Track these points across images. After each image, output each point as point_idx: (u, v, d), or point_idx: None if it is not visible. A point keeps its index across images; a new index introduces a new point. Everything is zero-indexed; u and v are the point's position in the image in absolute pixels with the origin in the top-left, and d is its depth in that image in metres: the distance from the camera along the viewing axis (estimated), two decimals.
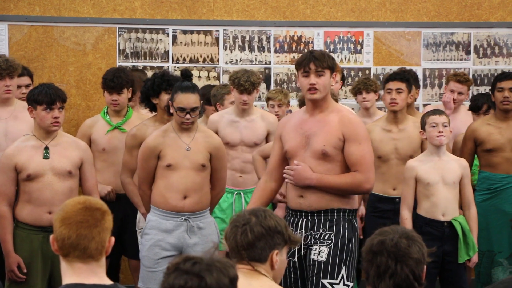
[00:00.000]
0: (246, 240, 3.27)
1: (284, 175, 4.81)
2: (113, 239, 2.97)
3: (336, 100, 5.75)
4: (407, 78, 6.00)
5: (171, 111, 5.16)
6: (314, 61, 4.72)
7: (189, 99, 5.08)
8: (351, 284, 4.71)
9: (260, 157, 5.75)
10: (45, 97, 5.10)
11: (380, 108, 6.95)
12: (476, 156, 6.27)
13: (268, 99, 6.74)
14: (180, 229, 5.16)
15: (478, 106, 6.56)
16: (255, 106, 6.90)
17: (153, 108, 5.62)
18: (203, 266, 2.40)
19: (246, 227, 3.30)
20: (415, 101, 6.55)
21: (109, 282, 2.94)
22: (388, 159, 5.92)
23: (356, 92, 6.81)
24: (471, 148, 6.20)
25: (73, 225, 2.88)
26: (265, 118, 6.27)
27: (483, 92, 7.26)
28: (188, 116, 5.10)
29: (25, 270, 5.14)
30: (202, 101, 5.23)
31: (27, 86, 6.36)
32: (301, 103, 5.72)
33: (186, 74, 5.25)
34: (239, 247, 3.28)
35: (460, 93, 6.65)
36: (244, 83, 6.04)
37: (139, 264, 5.94)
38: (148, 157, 5.18)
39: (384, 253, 2.90)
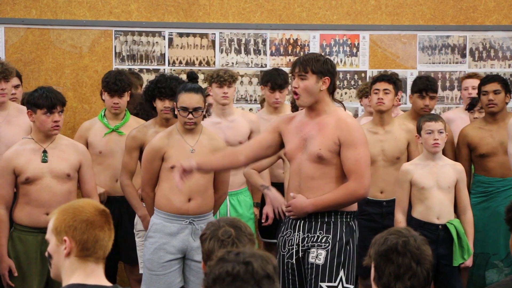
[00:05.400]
0: None
1: (286, 213, 4.82)
2: None
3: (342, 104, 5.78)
4: (394, 80, 6.05)
5: (176, 112, 5.18)
6: (298, 65, 4.69)
7: (192, 99, 5.09)
8: (351, 287, 4.70)
9: (252, 170, 5.74)
10: (45, 101, 5.11)
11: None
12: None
13: None
14: (185, 232, 5.16)
15: (472, 104, 6.57)
16: (251, 109, 6.92)
17: (154, 110, 5.65)
18: (247, 254, 2.45)
19: (234, 239, 3.32)
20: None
21: (109, 284, 2.98)
22: (375, 161, 5.92)
23: (362, 95, 6.80)
24: (466, 153, 6.22)
25: (105, 227, 2.94)
26: (246, 117, 6.29)
27: None
28: (190, 116, 5.11)
29: (15, 274, 5.16)
30: (206, 103, 5.24)
31: (16, 86, 6.35)
32: (293, 105, 5.73)
33: (192, 76, 5.30)
34: None
35: None
36: (223, 74, 6.09)
37: (135, 268, 5.95)
38: (153, 159, 5.19)
39: (408, 254, 2.93)
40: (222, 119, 6.17)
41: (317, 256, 4.69)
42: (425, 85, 6.29)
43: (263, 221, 6.14)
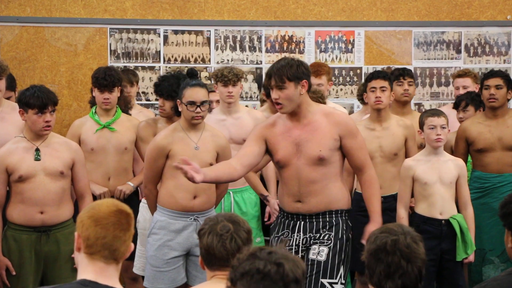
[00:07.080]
0: (236, 247, 3.29)
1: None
2: (132, 245, 3.02)
3: (324, 102, 5.79)
4: (389, 76, 6.07)
5: (180, 109, 5.18)
6: (273, 76, 4.64)
7: (199, 93, 5.12)
8: (344, 281, 4.72)
9: (251, 173, 5.70)
10: (36, 101, 5.07)
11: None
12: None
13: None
14: (189, 229, 5.19)
15: (456, 103, 6.59)
16: (247, 106, 6.92)
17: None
18: (279, 255, 2.44)
19: (232, 234, 3.33)
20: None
21: (121, 287, 2.99)
22: (372, 157, 5.89)
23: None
24: (464, 147, 6.23)
25: (110, 226, 2.93)
26: (252, 114, 6.29)
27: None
28: (198, 109, 5.12)
29: (14, 273, 5.15)
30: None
31: (8, 98, 6.34)
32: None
33: (192, 73, 5.31)
34: (229, 254, 3.30)
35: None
36: (228, 74, 6.11)
37: (129, 264, 5.96)
38: (157, 157, 5.19)
39: (397, 253, 2.93)
40: (227, 116, 6.19)
41: (319, 252, 4.68)
42: (402, 71, 6.53)
43: (265, 219, 6.14)
